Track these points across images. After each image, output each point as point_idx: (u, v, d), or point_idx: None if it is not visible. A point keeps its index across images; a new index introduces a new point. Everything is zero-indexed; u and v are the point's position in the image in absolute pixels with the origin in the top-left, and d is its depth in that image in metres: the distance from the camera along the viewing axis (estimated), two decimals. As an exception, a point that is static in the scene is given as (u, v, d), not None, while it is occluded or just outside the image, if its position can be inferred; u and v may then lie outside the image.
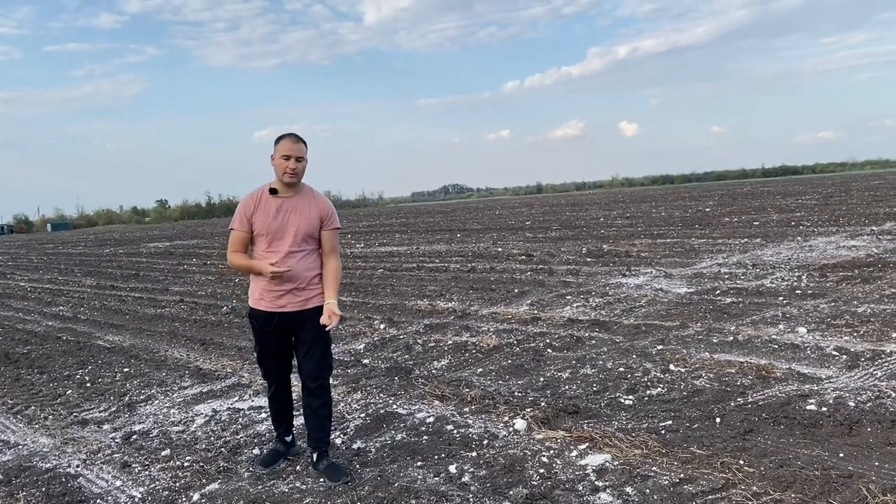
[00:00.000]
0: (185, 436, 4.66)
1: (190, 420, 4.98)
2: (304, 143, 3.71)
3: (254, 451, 4.26)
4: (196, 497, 3.66)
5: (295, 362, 3.94)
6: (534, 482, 3.49)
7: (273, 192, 3.71)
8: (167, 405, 5.40)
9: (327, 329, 3.70)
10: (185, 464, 4.13)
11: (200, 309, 10.13)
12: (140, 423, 5.02)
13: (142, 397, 5.68)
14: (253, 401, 5.31)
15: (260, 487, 3.71)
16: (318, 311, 3.73)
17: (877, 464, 3.39)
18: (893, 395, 4.30)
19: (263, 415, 4.93)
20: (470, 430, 4.29)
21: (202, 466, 4.06)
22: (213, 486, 3.79)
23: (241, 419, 4.90)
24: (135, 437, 4.71)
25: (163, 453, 4.32)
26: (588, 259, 12.67)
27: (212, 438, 4.56)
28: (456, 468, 3.73)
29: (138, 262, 21.14)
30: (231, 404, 5.27)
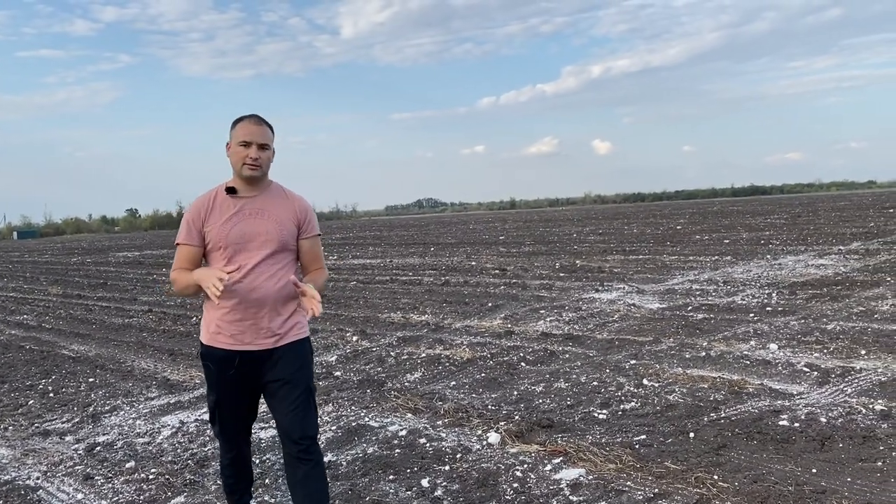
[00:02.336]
0: (150, 447, 4.54)
1: (156, 431, 4.86)
2: (270, 126, 2.86)
3: (222, 463, 4.15)
4: (161, 511, 3.56)
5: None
6: (507, 496, 3.45)
7: (231, 191, 2.83)
8: (133, 416, 5.27)
9: (309, 316, 2.77)
10: (151, 476, 4.02)
11: (169, 319, 9.96)
12: (104, 434, 4.88)
13: (107, 408, 5.54)
14: (222, 412, 5.20)
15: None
16: (298, 347, 2.87)
17: (849, 479, 3.40)
18: (864, 411, 4.33)
19: (232, 427, 4.82)
20: (443, 443, 4.23)
21: (168, 479, 3.95)
22: (179, 499, 3.69)
23: (208, 431, 4.79)
24: (98, 448, 4.58)
25: (127, 465, 4.20)
26: (561, 274, 12.71)
27: (178, 450, 4.45)
28: (428, 482, 3.67)
29: (106, 271, 20.78)
30: (199, 416, 5.15)
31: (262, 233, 2.80)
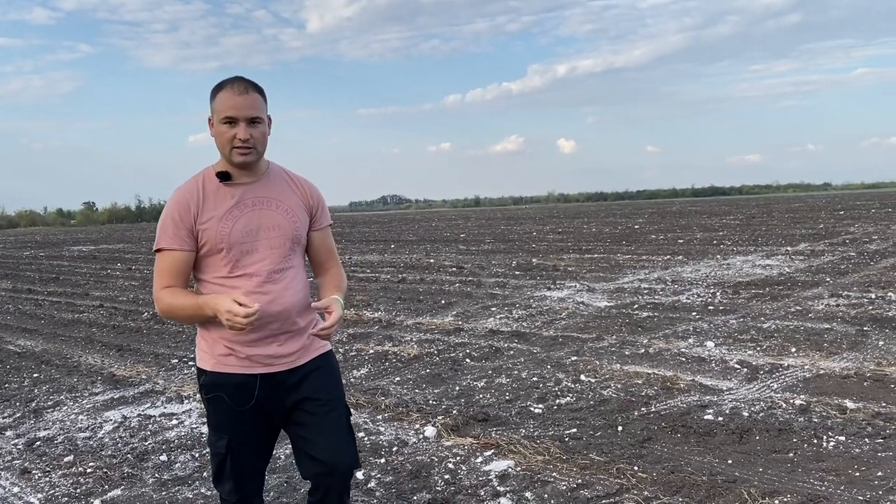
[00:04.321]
0: (91, 442, 4.56)
1: (98, 426, 4.87)
2: (259, 90, 2.24)
3: (161, 457, 4.20)
4: (96, 503, 3.60)
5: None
6: (438, 488, 3.56)
7: (224, 177, 2.24)
8: (76, 411, 5.27)
9: (317, 331, 2.24)
10: (88, 470, 4.05)
11: (120, 315, 9.89)
12: (45, 429, 4.88)
13: (49, 403, 5.52)
14: (165, 407, 5.23)
15: (164, 493, 3.67)
16: (326, 360, 2.41)
17: (760, 469, 3.59)
18: (784, 405, 4.54)
19: (175, 422, 4.86)
20: (381, 437, 4.33)
21: (105, 472, 3.99)
22: (116, 492, 3.73)
23: (150, 426, 4.82)
24: (38, 443, 4.58)
25: (66, 459, 4.22)
26: (517, 272, 12.88)
27: (119, 445, 4.48)
28: (363, 474, 3.77)
29: (59, 265, 20.43)
30: (142, 411, 5.17)
31: (271, 227, 2.27)
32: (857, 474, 3.48)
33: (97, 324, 9.19)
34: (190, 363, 6.58)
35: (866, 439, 3.92)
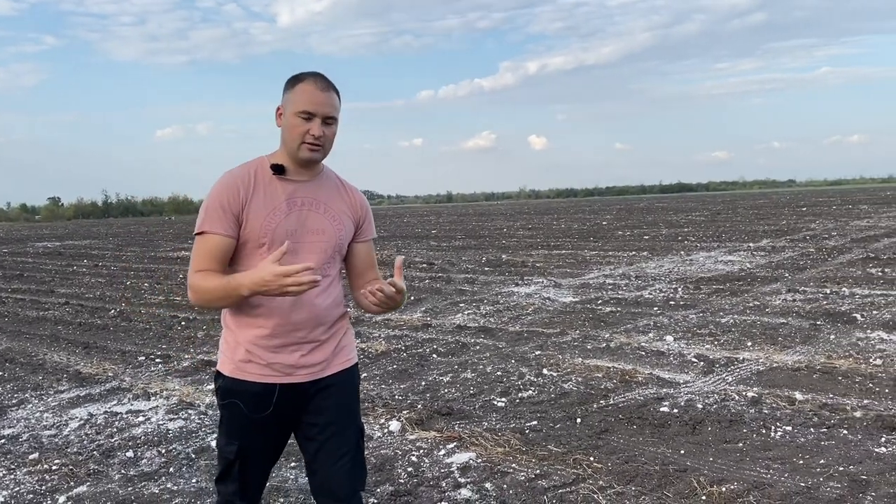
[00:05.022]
0: (56, 439, 4.58)
1: (63, 424, 4.89)
2: (337, 92, 2.19)
3: (127, 453, 4.24)
4: (62, 500, 3.63)
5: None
6: (401, 480, 3.66)
7: (279, 170, 2.17)
8: (41, 409, 5.27)
9: (374, 296, 2.10)
10: (54, 467, 4.07)
11: (86, 312, 9.82)
12: (10, 427, 4.88)
13: (14, 401, 5.51)
14: (132, 405, 5.26)
15: (130, 489, 3.72)
16: (348, 376, 2.31)
17: (711, 459, 3.74)
18: (737, 397, 4.72)
19: (141, 418, 4.90)
20: (347, 431, 4.41)
21: (71, 469, 4.02)
22: (82, 488, 3.77)
23: (117, 423, 4.85)
24: (2, 441, 4.59)
25: (31, 457, 4.24)
26: (486, 268, 13.02)
27: (85, 442, 4.50)
28: (328, 468, 3.85)
29: (24, 262, 20.11)
30: (109, 408, 5.19)
31: (317, 231, 2.19)
32: (801, 462, 3.65)
33: (63, 321, 9.12)
34: (157, 360, 6.59)
35: (812, 429, 4.10)
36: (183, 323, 8.47)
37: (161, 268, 15.78)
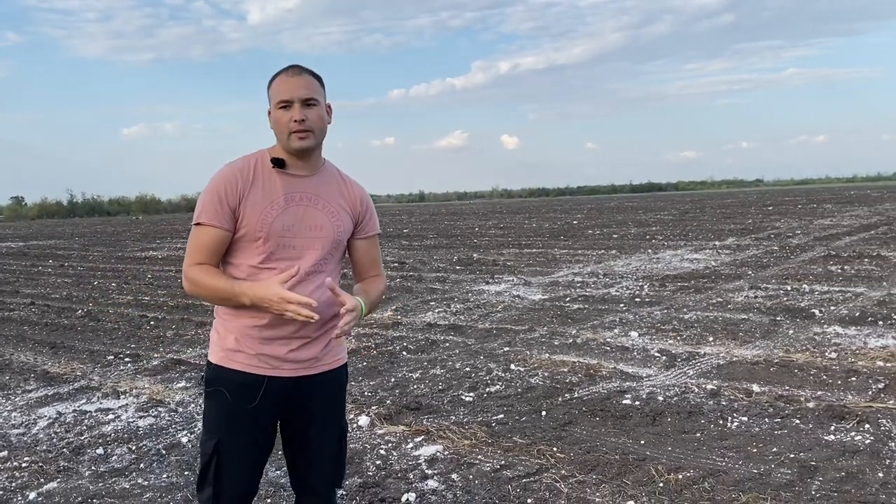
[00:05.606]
0: (25, 438, 4.58)
1: (32, 423, 4.89)
2: (315, 76, 2.18)
3: (97, 450, 4.27)
4: (33, 496, 3.66)
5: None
6: (369, 472, 3.75)
7: (278, 164, 2.16)
8: (8, 408, 5.26)
9: (340, 333, 2.08)
10: (24, 464, 4.09)
11: (53, 312, 9.73)
12: (-23, 426, 4.87)
13: (-19, 401, 5.49)
14: (101, 403, 5.27)
15: (100, 485, 3.76)
16: (337, 374, 2.31)
17: (669, 448, 3.88)
18: (696, 390, 4.87)
19: (111, 416, 4.92)
20: (316, 426, 4.49)
21: (41, 466, 4.04)
22: (52, 484, 3.79)
23: (86, 420, 4.87)
24: (-30, 440, 4.58)
25: (0, 455, 4.25)
26: (457, 267, 13.13)
27: (54, 440, 4.52)
28: (298, 462, 3.91)
29: (-12, 262, 19.78)
30: (78, 406, 5.20)
31: (314, 227, 2.18)
32: (755, 450, 3.80)
33: (28, 322, 9.04)
34: (126, 359, 6.59)
35: (766, 419, 4.26)
36: (152, 322, 8.45)
37: (129, 268, 15.64)
